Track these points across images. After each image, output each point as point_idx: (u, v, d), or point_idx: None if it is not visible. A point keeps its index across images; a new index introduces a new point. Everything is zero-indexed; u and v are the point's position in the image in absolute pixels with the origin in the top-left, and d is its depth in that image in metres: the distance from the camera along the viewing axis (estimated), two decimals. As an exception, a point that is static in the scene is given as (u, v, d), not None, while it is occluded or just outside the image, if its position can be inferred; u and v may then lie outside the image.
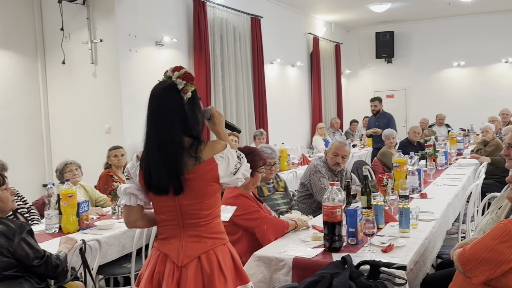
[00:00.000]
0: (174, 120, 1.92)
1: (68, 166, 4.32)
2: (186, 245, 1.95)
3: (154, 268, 1.99)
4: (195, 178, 1.92)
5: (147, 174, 1.94)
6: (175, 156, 1.90)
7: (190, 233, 1.96)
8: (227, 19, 7.98)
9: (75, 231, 3.40)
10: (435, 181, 4.87)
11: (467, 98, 12.18)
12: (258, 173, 3.18)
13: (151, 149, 1.94)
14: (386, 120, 8.12)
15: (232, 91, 8.05)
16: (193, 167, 1.91)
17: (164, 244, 2.00)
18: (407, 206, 2.94)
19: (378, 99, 8.44)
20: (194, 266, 1.93)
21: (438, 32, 12.42)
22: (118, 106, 6.07)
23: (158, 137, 1.93)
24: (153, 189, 1.95)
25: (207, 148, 1.94)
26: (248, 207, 3.07)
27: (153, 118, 1.95)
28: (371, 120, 8.56)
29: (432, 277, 2.80)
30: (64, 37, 6.17)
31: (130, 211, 2.03)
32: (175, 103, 1.94)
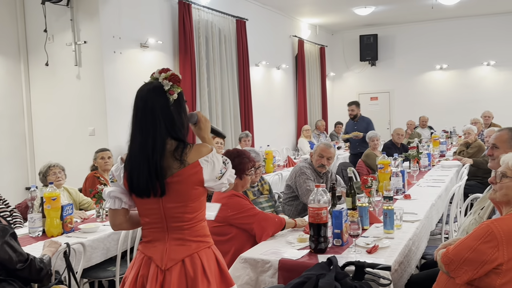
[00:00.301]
0: (159, 121, 1.91)
1: (51, 169, 4.27)
2: (170, 248, 1.94)
3: (138, 271, 1.98)
4: (179, 181, 1.91)
5: (129, 176, 1.94)
6: (156, 157, 1.89)
7: (174, 236, 1.96)
8: (212, 21, 7.98)
9: (59, 235, 3.37)
10: (419, 182, 4.93)
11: (450, 101, 12.36)
12: (247, 176, 3.20)
13: (133, 150, 1.93)
14: (366, 124, 7.92)
15: (217, 93, 8.04)
16: (178, 170, 1.90)
17: (148, 247, 1.99)
18: (391, 207, 2.97)
19: (355, 103, 8.20)
20: (178, 269, 1.92)
21: (421, 35, 12.58)
22: (102, 108, 6.02)
23: (141, 138, 1.92)
24: (135, 191, 1.94)
25: (192, 151, 1.93)
26: (243, 205, 3.08)
27: (138, 118, 1.94)
28: (349, 124, 8.27)
29: (417, 277, 2.83)
30: (47, 38, 6.11)
31: (115, 214, 2.03)
32: (160, 104, 1.93)
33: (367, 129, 7.67)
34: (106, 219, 3.81)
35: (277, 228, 3.06)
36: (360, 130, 7.84)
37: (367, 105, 13.48)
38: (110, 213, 2.04)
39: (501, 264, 1.99)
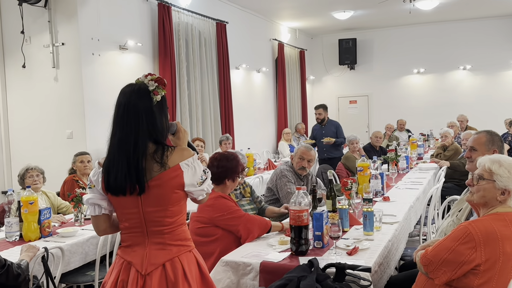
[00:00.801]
0: (141, 120, 1.90)
1: (29, 172, 4.20)
2: (150, 253, 1.92)
3: (117, 276, 1.95)
4: (159, 185, 1.89)
5: (106, 173, 1.91)
6: (138, 155, 1.87)
7: (154, 241, 1.94)
8: (192, 24, 7.96)
9: (37, 239, 3.32)
10: (397, 184, 4.99)
11: (427, 104, 12.57)
12: (238, 178, 3.26)
13: (113, 147, 1.91)
14: (334, 128, 7.64)
15: (197, 96, 8.02)
16: (158, 174, 1.89)
17: (127, 251, 1.97)
18: (371, 209, 3.01)
19: (323, 106, 7.82)
20: (159, 274, 1.90)
21: (399, 39, 12.78)
22: (80, 111, 5.94)
23: (121, 134, 1.90)
24: (111, 189, 1.90)
25: (174, 154, 1.92)
26: (229, 207, 3.09)
27: (119, 115, 1.92)
28: (316, 129, 7.89)
29: (396, 278, 2.86)
30: (24, 40, 6.01)
31: (97, 221, 2.02)
32: (144, 104, 1.92)
33: (335, 133, 7.45)
34: (85, 223, 3.76)
35: (262, 230, 3.06)
36: (328, 134, 7.53)
37: (346, 109, 13.63)
38: (92, 220, 2.03)
39: (479, 265, 2.03)
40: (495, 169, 2.15)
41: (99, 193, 1.97)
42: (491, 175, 2.16)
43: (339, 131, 7.59)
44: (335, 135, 7.38)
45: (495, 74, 12.05)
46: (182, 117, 7.59)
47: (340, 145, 7.66)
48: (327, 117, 7.75)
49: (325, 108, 7.75)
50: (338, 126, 7.68)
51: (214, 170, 3.17)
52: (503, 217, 2.11)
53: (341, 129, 7.70)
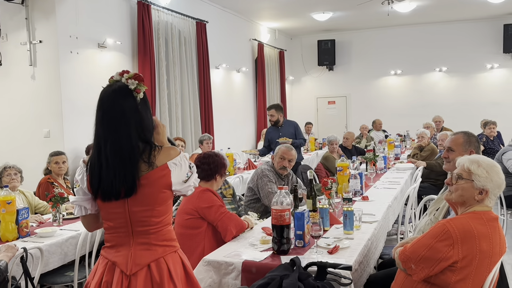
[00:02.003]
0: (129, 121, 1.88)
1: (7, 170, 4.13)
2: (135, 253, 1.91)
3: (101, 277, 1.93)
4: (147, 184, 1.88)
5: (96, 178, 1.89)
6: (131, 159, 1.86)
7: (139, 241, 1.92)
8: (172, 22, 7.92)
9: (14, 239, 3.26)
10: (376, 184, 5.06)
11: (403, 105, 12.77)
12: (223, 176, 3.39)
13: (104, 152, 1.88)
14: (292, 129, 6.77)
15: (177, 95, 7.99)
16: (146, 173, 1.88)
17: (112, 252, 1.95)
18: (351, 208, 3.05)
19: (275, 106, 6.83)
20: (144, 274, 1.89)
21: (377, 41, 12.95)
22: (58, 109, 5.86)
23: (113, 140, 1.87)
24: (102, 193, 1.89)
25: (161, 154, 1.91)
26: (214, 201, 3.16)
27: (106, 120, 1.89)
28: (271, 132, 6.91)
29: (375, 277, 2.91)
30: (1, 37, 5.90)
31: (86, 220, 2.02)
32: (129, 104, 1.90)
33: (294, 134, 6.68)
34: (63, 223, 3.72)
35: (238, 230, 3.12)
36: (287, 136, 6.64)
37: (325, 109, 13.75)
38: (81, 220, 2.04)
39: (456, 262, 2.08)
40: (474, 169, 2.21)
41: (83, 193, 1.95)
42: (470, 175, 2.22)
43: (298, 131, 6.81)
44: (293, 136, 6.62)
45: (470, 76, 12.32)
46: (161, 116, 7.55)
47: (298, 146, 6.70)
48: (282, 118, 6.82)
49: (278, 108, 6.81)
50: (296, 126, 6.87)
51: (205, 167, 3.31)
52: (480, 216, 2.17)
53: (300, 130, 6.93)
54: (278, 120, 6.75)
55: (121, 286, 1.89)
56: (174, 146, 2.00)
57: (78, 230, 3.49)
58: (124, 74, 1.95)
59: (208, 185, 3.32)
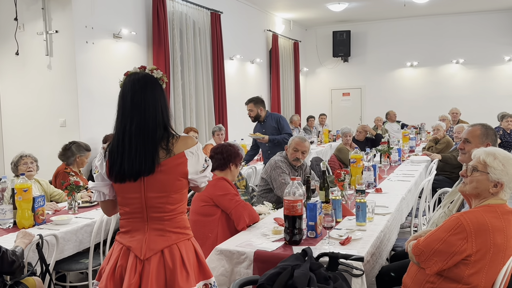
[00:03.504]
0: (157, 104, 1.95)
1: (23, 159, 4.19)
2: (149, 239, 1.95)
3: (116, 262, 1.97)
4: (164, 171, 1.92)
5: (117, 159, 1.92)
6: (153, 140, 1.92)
7: (154, 227, 1.96)
8: (187, 13, 7.92)
9: (30, 226, 3.32)
10: (389, 176, 5.03)
11: (419, 97, 12.64)
12: (239, 164, 3.43)
13: (129, 132, 1.92)
14: (275, 123, 5.87)
15: (191, 86, 8.00)
16: (163, 160, 1.92)
17: (126, 237, 1.99)
18: (364, 200, 3.04)
19: (253, 100, 5.93)
20: (157, 260, 1.93)
21: (393, 32, 12.81)
22: (74, 99, 5.92)
23: (139, 119, 1.92)
24: (121, 174, 1.92)
25: (179, 142, 1.96)
26: (229, 189, 3.22)
27: (136, 101, 1.94)
28: (257, 127, 6.11)
29: (387, 269, 2.90)
30: (18, 27, 5.96)
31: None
32: (158, 89, 1.98)
33: (277, 128, 5.82)
34: (79, 211, 3.77)
35: (251, 220, 3.15)
36: (269, 131, 5.84)
37: (339, 101, 13.67)
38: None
39: (469, 256, 2.07)
40: (490, 162, 2.18)
41: (102, 179, 1.99)
42: (485, 167, 2.19)
43: (281, 125, 5.82)
44: (276, 131, 5.78)
45: (488, 68, 12.14)
46: (175, 106, 7.58)
47: (281, 143, 5.57)
48: (264, 112, 5.94)
49: (257, 102, 5.90)
50: (279, 119, 5.89)
51: (219, 156, 3.38)
52: (495, 209, 2.14)
53: (284, 123, 5.89)
54: (258, 115, 5.89)
55: (135, 270, 1.92)
56: (191, 136, 2.05)
57: (93, 218, 3.54)
58: (143, 68, 2.03)
59: (223, 174, 3.37)
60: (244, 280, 2.21)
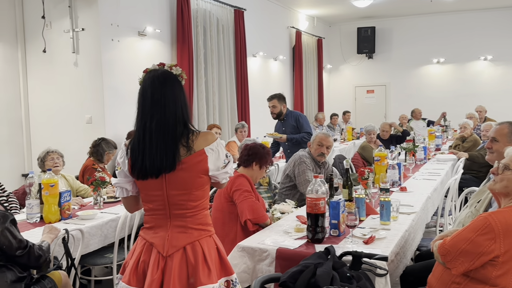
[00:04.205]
0: (177, 101, 1.95)
1: (49, 154, 4.27)
2: (172, 235, 1.96)
3: (139, 257, 1.99)
4: (185, 169, 1.92)
5: (139, 156, 1.93)
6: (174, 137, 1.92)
7: (176, 224, 1.97)
8: (211, 10, 7.95)
9: (57, 221, 3.38)
10: (414, 175, 4.96)
11: (446, 95, 12.40)
12: (265, 168, 3.48)
13: (149, 128, 1.92)
14: (294, 121, 5.74)
15: (214, 83, 8.03)
16: (184, 157, 1.92)
17: (150, 233, 2.00)
18: (388, 199, 3.00)
19: (277, 96, 5.83)
20: (179, 256, 1.94)
21: (419, 28, 12.60)
22: (99, 96, 6.00)
23: (160, 116, 1.92)
24: (143, 171, 1.93)
25: (199, 139, 1.96)
26: (243, 185, 3.27)
27: (156, 97, 1.94)
28: (277, 125, 6.04)
29: (412, 268, 2.86)
30: (45, 25, 6.07)
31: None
32: (177, 86, 1.99)
33: (296, 127, 5.69)
34: (104, 207, 3.82)
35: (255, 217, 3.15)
36: (289, 130, 5.75)
37: (363, 98, 13.53)
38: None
39: (497, 256, 2.02)
40: (522, 161, 2.12)
41: (125, 175, 2.01)
42: (518, 166, 2.14)
43: (300, 124, 5.69)
44: (295, 129, 5.66)
45: (516, 65, 11.84)
46: (199, 104, 7.61)
47: (301, 143, 5.50)
48: (285, 110, 5.83)
49: (281, 98, 5.81)
50: (298, 117, 5.76)
51: (244, 153, 3.45)
52: (524, 210, 2.09)
53: (304, 121, 5.75)
54: (281, 112, 5.78)
55: (157, 266, 1.94)
56: (211, 131, 2.05)
57: (118, 213, 3.58)
58: (161, 65, 2.02)
59: (246, 171, 3.42)
60: (267, 277, 2.21)
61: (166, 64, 2.02)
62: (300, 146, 5.21)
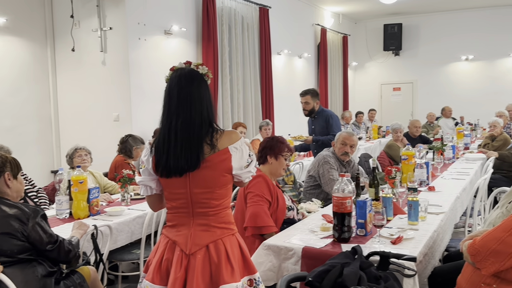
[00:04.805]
0: (203, 100, 1.95)
1: (78, 151, 4.34)
2: (194, 233, 1.96)
3: (162, 255, 2.00)
4: (209, 167, 1.93)
5: (163, 154, 1.93)
6: (198, 135, 1.92)
7: (199, 222, 1.97)
8: (236, 9, 7.96)
9: (85, 217, 3.43)
10: (443, 174, 4.87)
11: (475, 92, 12.14)
12: (282, 157, 3.30)
13: (174, 127, 1.93)
14: (323, 121, 5.44)
15: (239, 81, 8.05)
16: (208, 156, 1.92)
17: (173, 231, 2.01)
18: (416, 198, 2.95)
19: (311, 92, 5.52)
20: (202, 254, 1.94)
21: (447, 25, 12.36)
22: (126, 94, 6.09)
23: (186, 115, 1.93)
24: (167, 170, 1.93)
25: (223, 137, 1.96)
26: (257, 188, 3.16)
27: (182, 96, 1.94)
28: (309, 122, 5.81)
29: (440, 269, 2.81)
30: (74, 24, 6.19)
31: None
32: (203, 85, 1.99)
33: (325, 128, 5.41)
34: (131, 203, 3.87)
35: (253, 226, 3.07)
36: (318, 129, 5.47)
37: (389, 96, 13.36)
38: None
39: (530, 257, 1.97)
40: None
41: (149, 173, 2.02)
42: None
43: (329, 124, 5.39)
44: (324, 130, 5.38)
45: (549, 62, 11.51)
46: (223, 102, 7.64)
47: (326, 145, 5.06)
48: (317, 107, 5.51)
49: (314, 94, 5.50)
50: (329, 118, 5.43)
51: (260, 149, 3.37)
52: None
53: (334, 122, 5.43)
54: (313, 109, 5.47)
55: (180, 264, 1.94)
56: (235, 130, 2.04)
57: (144, 210, 3.62)
58: (188, 64, 2.03)
59: (264, 168, 3.33)
60: (293, 276, 2.20)
61: (193, 63, 2.02)
62: (323, 146, 5.02)
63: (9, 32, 5.83)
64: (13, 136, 5.73)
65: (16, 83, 5.97)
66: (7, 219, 2.41)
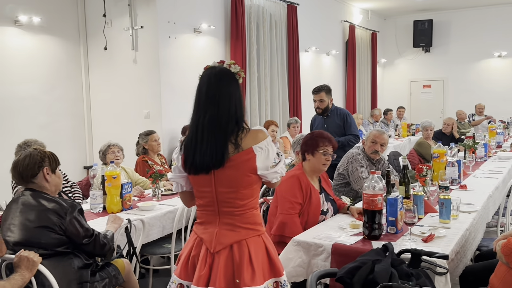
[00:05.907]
0: (232, 98, 1.96)
1: (111, 148, 4.45)
2: (220, 232, 1.97)
3: (190, 251, 2.03)
4: (232, 166, 1.93)
5: (191, 151, 1.96)
6: (225, 132, 1.92)
7: (225, 221, 1.98)
8: (264, 6, 7.98)
9: (119, 211, 3.52)
10: (475, 173, 4.79)
11: (508, 90, 11.85)
12: (319, 152, 3.20)
13: (202, 123, 1.95)
14: (339, 120, 5.10)
15: (267, 79, 8.07)
16: (232, 155, 1.92)
17: (201, 228, 2.04)
18: (448, 197, 2.92)
19: (326, 88, 5.14)
20: (226, 254, 1.95)
21: (479, 21, 12.08)
22: (157, 92, 6.18)
23: (213, 112, 1.94)
24: (194, 166, 1.96)
25: (248, 136, 1.95)
26: (289, 193, 3.11)
27: (212, 94, 1.96)
28: (318, 121, 5.34)
29: (472, 268, 2.78)
30: (106, 23, 6.32)
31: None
32: (234, 83, 2.00)
33: (341, 127, 5.07)
34: (162, 199, 3.94)
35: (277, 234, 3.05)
36: (331, 128, 4.95)
37: (419, 93, 13.15)
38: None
39: None
40: None
41: (179, 170, 2.05)
42: None
43: (348, 124, 5.08)
44: (340, 129, 5.05)
45: None
46: (251, 99, 7.67)
47: (345, 146, 4.87)
48: (331, 105, 5.18)
49: (329, 91, 5.15)
50: (346, 117, 5.11)
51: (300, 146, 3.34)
52: None
53: (353, 122, 5.14)
54: (327, 107, 5.13)
55: (205, 262, 1.97)
56: (262, 129, 2.02)
57: (175, 206, 3.69)
58: (221, 63, 2.05)
59: (306, 165, 3.26)
60: (323, 272, 2.22)
61: (226, 62, 2.04)
62: (343, 150, 4.58)
63: (44, 31, 6.00)
64: (47, 133, 5.89)
65: (51, 81, 6.13)
66: (46, 213, 2.49)
